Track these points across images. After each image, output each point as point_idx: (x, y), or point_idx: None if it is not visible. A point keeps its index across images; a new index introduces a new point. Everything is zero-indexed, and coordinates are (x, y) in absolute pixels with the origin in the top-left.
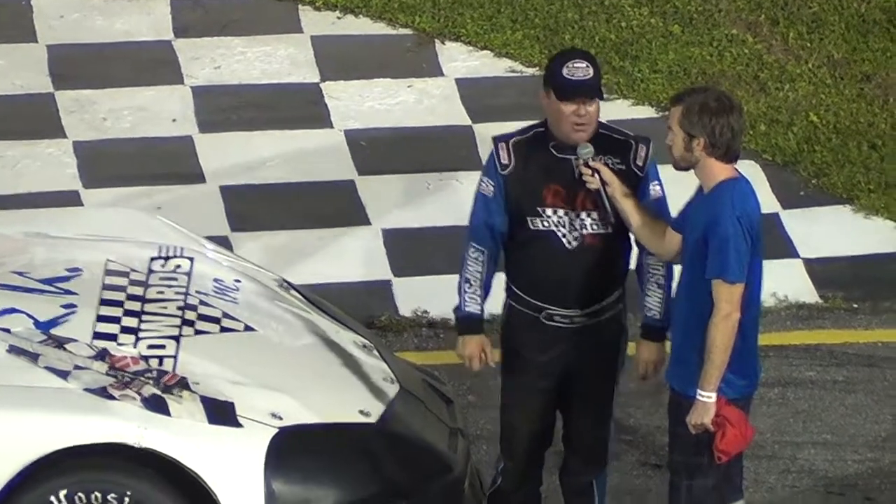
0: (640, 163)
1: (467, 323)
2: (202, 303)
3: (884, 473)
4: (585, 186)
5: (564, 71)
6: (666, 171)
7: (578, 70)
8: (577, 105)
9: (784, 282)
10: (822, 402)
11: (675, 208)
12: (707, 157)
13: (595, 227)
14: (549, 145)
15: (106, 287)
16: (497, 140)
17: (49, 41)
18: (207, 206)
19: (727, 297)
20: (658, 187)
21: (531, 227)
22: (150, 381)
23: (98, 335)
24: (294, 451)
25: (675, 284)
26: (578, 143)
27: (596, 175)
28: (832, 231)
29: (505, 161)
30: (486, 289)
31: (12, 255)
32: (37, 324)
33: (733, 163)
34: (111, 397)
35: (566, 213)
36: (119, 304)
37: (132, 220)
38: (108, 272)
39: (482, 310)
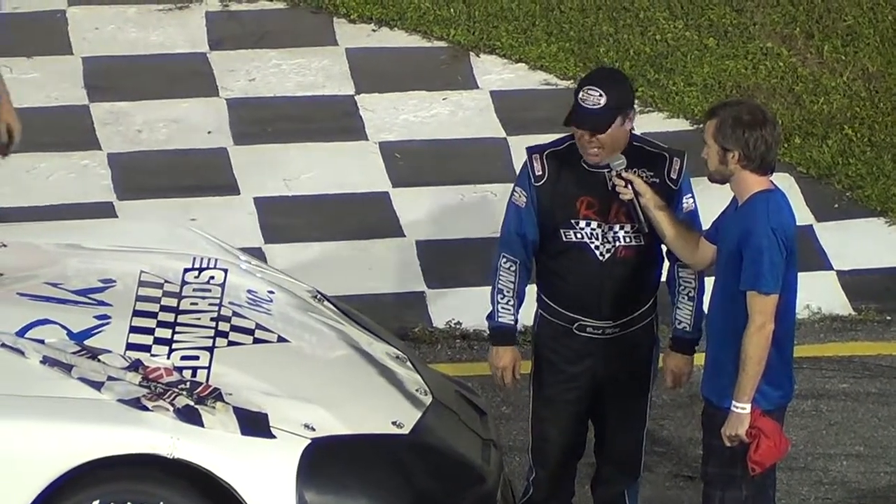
0: (674, 176)
1: (501, 334)
2: (235, 314)
3: None
4: (618, 199)
5: (580, 95)
6: (700, 183)
7: (590, 98)
8: (583, 132)
9: (818, 294)
10: (855, 414)
11: (708, 220)
12: (742, 170)
13: (628, 239)
14: (582, 159)
15: (139, 298)
16: (531, 151)
17: (84, 53)
18: (241, 218)
19: (761, 308)
20: (691, 200)
21: (564, 238)
22: (184, 393)
23: (131, 346)
24: (327, 462)
25: (706, 297)
26: (592, 162)
27: (629, 186)
28: (866, 243)
29: (538, 172)
30: (519, 299)
31: (46, 267)
32: (70, 335)
33: (768, 175)
34: (144, 408)
35: (599, 226)
36: (153, 315)
37: (166, 232)
38: (142, 283)
39: (516, 321)
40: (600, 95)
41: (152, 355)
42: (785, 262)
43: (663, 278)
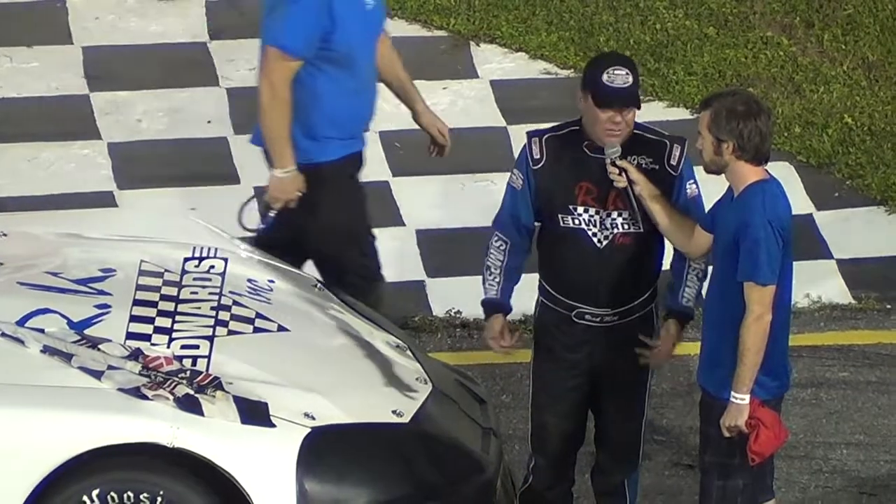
0: (673, 163)
1: (488, 307)
2: (236, 303)
3: None
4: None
5: (604, 77)
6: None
7: (618, 77)
8: (615, 112)
9: (818, 283)
10: (854, 402)
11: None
12: (736, 161)
13: (626, 226)
14: (583, 144)
15: (140, 287)
16: (530, 135)
17: (84, 43)
18: None
19: (759, 299)
20: (694, 186)
21: (561, 224)
22: (184, 381)
23: (131, 335)
24: (326, 450)
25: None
26: (612, 146)
27: (623, 174)
28: (866, 232)
29: (537, 156)
30: (507, 276)
31: (46, 256)
32: (70, 324)
33: (763, 165)
34: (144, 397)
35: (597, 212)
36: (153, 304)
37: (166, 221)
38: (142, 273)
39: (501, 294)
40: (627, 74)
41: (152, 344)
42: (781, 252)
43: (666, 266)
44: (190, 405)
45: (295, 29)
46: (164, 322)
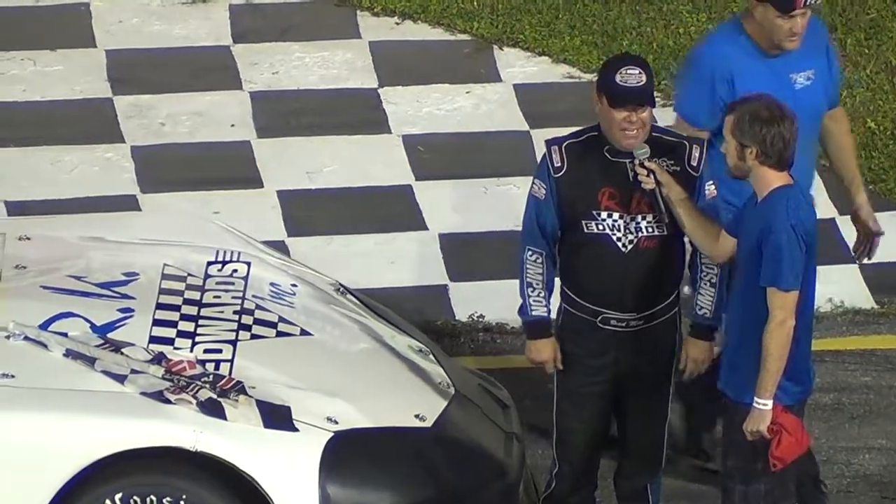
0: (694, 163)
1: (536, 327)
2: (259, 307)
3: None
4: (640, 189)
5: (617, 77)
6: None
7: (631, 77)
8: (629, 112)
9: (840, 287)
10: (877, 407)
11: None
12: (760, 166)
13: (650, 230)
14: (603, 149)
15: (163, 291)
16: (550, 143)
17: (108, 46)
18: (265, 211)
19: (781, 304)
20: (713, 187)
21: (585, 230)
22: (207, 386)
23: (155, 339)
24: (349, 455)
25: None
26: (629, 148)
27: (651, 175)
28: (889, 237)
29: (558, 164)
30: (549, 290)
31: (69, 260)
32: (94, 328)
33: (786, 170)
34: (167, 401)
35: (621, 217)
36: (176, 308)
37: (189, 225)
38: (165, 276)
39: (549, 311)
40: (640, 73)
41: (175, 348)
42: (804, 258)
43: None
44: (213, 409)
45: (690, 97)
46: (187, 326)
